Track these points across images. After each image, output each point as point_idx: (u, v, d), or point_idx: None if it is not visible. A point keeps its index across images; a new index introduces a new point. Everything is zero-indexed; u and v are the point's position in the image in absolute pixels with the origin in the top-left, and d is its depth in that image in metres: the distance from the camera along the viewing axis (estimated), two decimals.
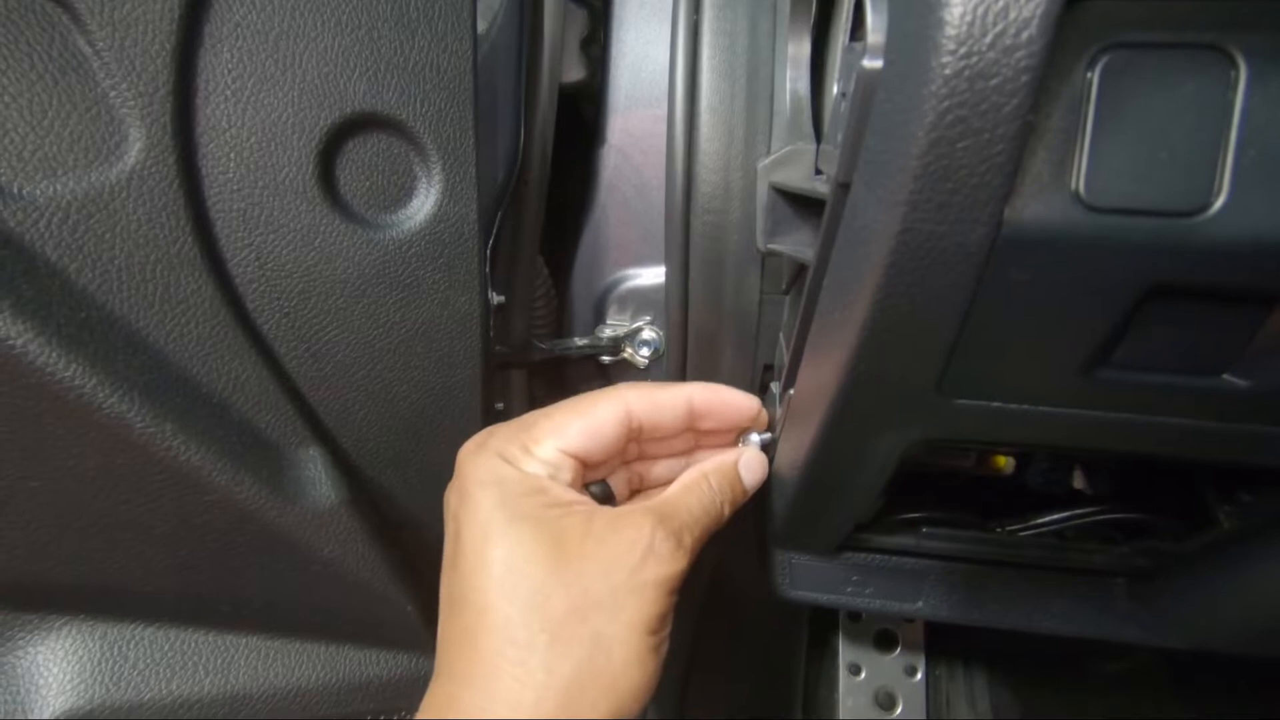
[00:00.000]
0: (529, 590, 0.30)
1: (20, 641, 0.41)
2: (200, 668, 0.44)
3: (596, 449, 0.35)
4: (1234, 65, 0.21)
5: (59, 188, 0.31)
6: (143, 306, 0.34)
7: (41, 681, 0.41)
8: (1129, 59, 0.21)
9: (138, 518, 0.37)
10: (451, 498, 0.34)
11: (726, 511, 0.36)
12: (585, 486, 0.36)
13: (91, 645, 0.42)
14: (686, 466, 0.39)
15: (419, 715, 0.31)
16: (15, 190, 0.31)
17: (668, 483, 0.38)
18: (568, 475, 0.34)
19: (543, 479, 0.33)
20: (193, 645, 0.44)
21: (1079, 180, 0.22)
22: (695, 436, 0.40)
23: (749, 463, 0.38)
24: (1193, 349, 0.26)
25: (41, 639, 0.41)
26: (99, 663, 0.42)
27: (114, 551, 0.38)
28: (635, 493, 0.40)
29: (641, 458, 0.40)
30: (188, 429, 0.35)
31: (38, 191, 0.31)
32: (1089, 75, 0.21)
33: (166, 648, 0.43)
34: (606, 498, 0.37)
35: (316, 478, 0.39)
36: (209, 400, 0.36)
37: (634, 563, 0.31)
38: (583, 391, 0.57)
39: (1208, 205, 0.22)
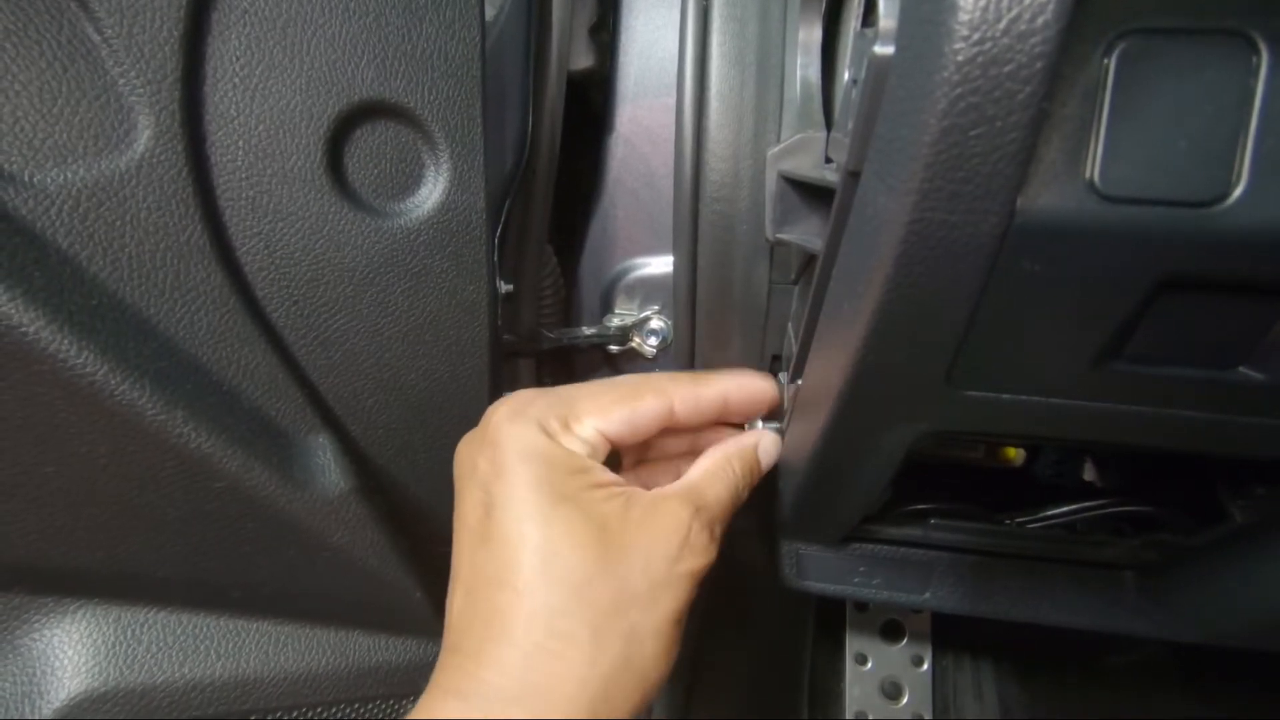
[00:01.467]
0: (574, 579, 0.29)
1: (36, 624, 0.42)
2: (212, 652, 0.44)
3: (633, 437, 0.34)
4: (1255, 51, 0.20)
5: (69, 175, 0.32)
6: (153, 294, 0.34)
7: (56, 664, 0.42)
8: (1146, 45, 0.21)
9: (149, 504, 0.37)
10: (482, 463, 0.33)
11: (746, 495, 0.36)
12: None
13: (105, 628, 0.43)
14: (690, 443, 0.39)
15: (431, 693, 0.29)
16: (26, 178, 0.31)
17: (669, 457, 0.39)
18: (602, 457, 0.34)
19: (584, 458, 0.32)
20: (205, 629, 0.45)
21: (1094, 169, 0.22)
22: None
23: (767, 446, 0.38)
24: (1208, 341, 0.25)
25: (56, 622, 0.42)
26: (113, 646, 0.43)
27: (127, 537, 0.39)
28: (638, 463, 0.40)
29: (680, 438, 0.40)
30: (198, 416, 0.35)
31: (48, 179, 0.31)
32: (1105, 62, 0.21)
33: (179, 632, 0.44)
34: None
35: (325, 465, 0.39)
36: (219, 387, 0.36)
37: (672, 554, 0.31)
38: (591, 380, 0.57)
39: (1226, 195, 0.21)
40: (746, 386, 0.38)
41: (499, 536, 0.30)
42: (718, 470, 0.35)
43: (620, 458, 0.39)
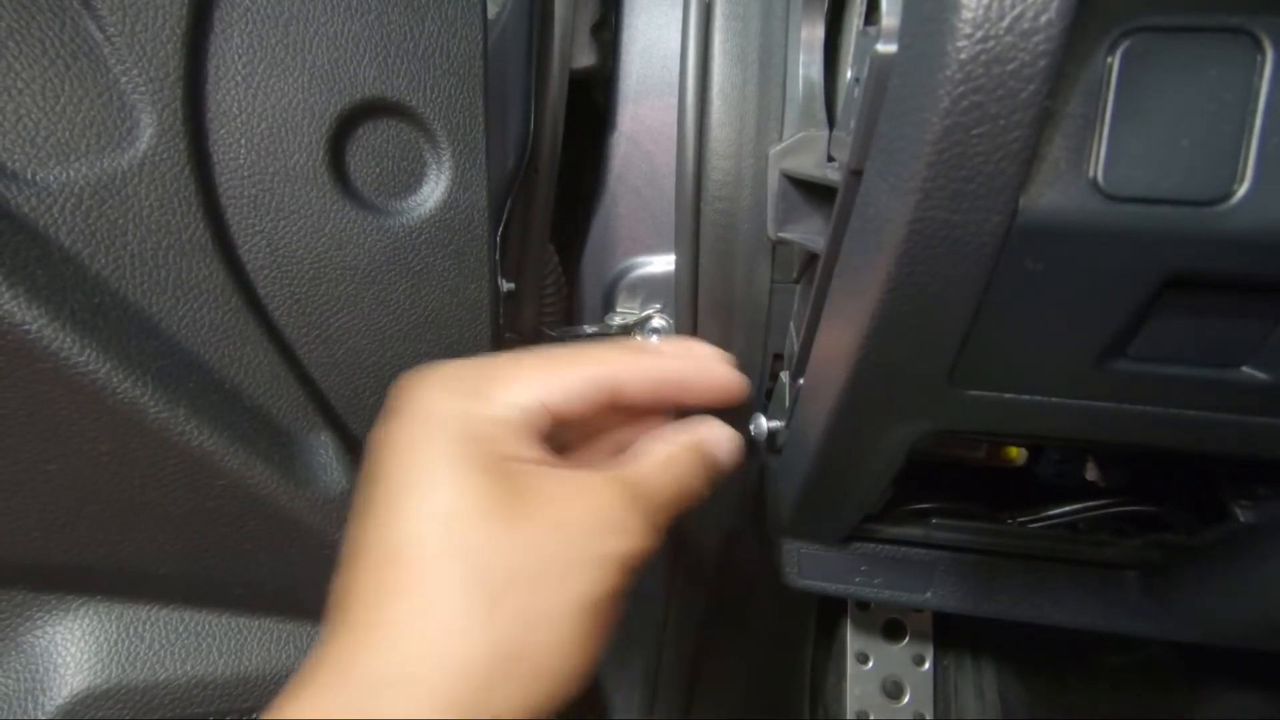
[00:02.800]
0: (476, 552, 0.26)
1: (39, 621, 0.42)
2: (214, 649, 0.44)
3: (574, 406, 0.31)
4: (1260, 49, 0.20)
5: (72, 173, 0.32)
6: (155, 292, 0.34)
7: (59, 660, 0.42)
8: (1150, 43, 0.20)
9: (152, 501, 0.37)
10: (391, 431, 0.29)
11: (704, 490, 0.33)
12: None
13: (108, 626, 0.43)
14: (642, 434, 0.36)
15: (300, 676, 0.26)
16: (28, 176, 0.31)
17: (620, 446, 0.35)
18: (534, 427, 0.30)
19: (509, 426, 0.29)
20: (207, 627, 0.45)
21: (1097, 168, 0.22)
22: None
23: (727, 442, 0.35)
24: (1212, 341, 0.25)
25: (59, 619, 0.42)
26: (115, 643, 0.43)
27: (129, 534, 0.39)
28: (584, 449, 0.37)
29: (627, 425, 0.36)
30: (200, 414, 0.35)
31: (50, 177, 0.31)
32: (1109, 60, 0.21)
33: (181, 629, 0.44)
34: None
35: (327, 463, 0.39)
36: (221, 385, 0.36)
37: (592, 532, 0.27)
38: None
39: (1230, 194, 0.21)
40: (704, 369, 0.34)
41: (395, 505, 0.27)
42: (665, 457, 0.32)
43: (565, 437, 0.35)
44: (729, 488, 0.54)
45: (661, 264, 0.51)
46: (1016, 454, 0.47)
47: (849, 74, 0.33)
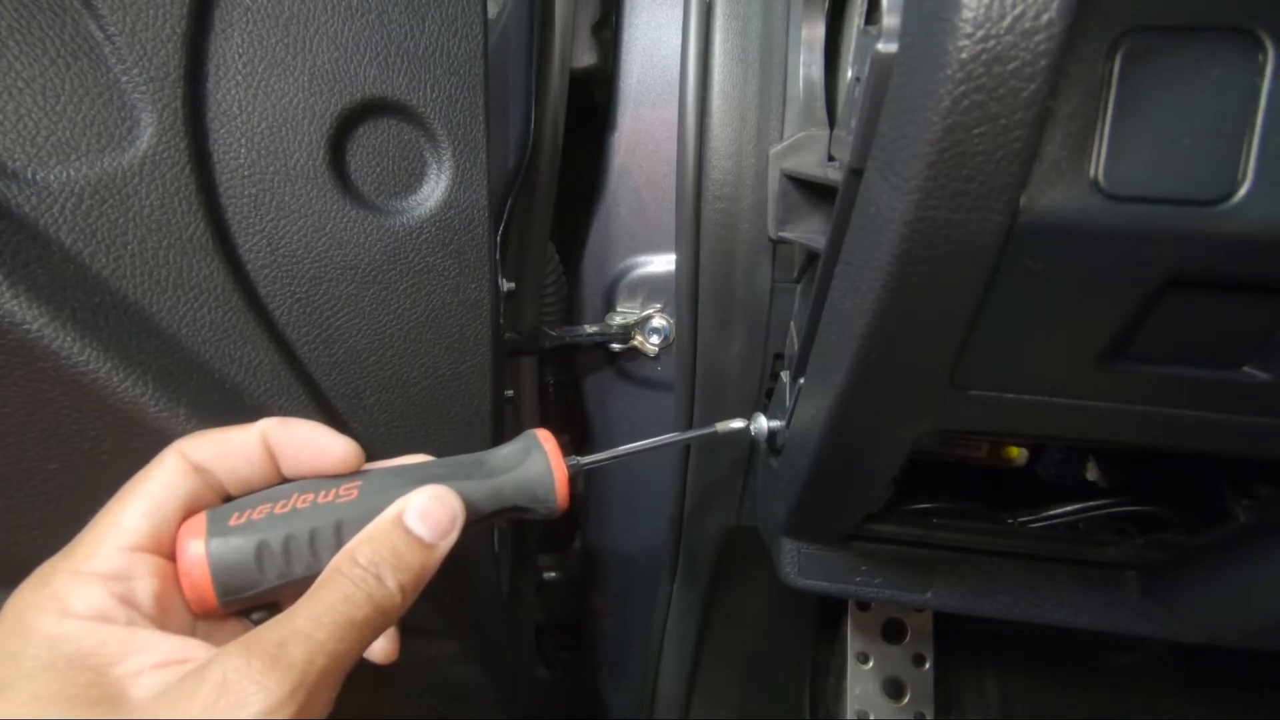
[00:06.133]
0: None
1: None
2: None
3: (165, 524, 0.27)
4: (1261, 49, 0.20)
5: (72, 173, 0.32)
6: (156, 291, 0.34)
7: None
8: (1151, 43, 0.20)
9: None
10: None
11: (393, 585, 0.27)
12: (248, 615, 0.29)
13: None
14: None
15: None
16: (29, 175, 0.31)
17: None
18: (148, 583, 0.26)
19: (92, 632, 0.24)
20: None
21: (1098, 168, 0.21)
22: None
23: (424, 508, 0.28)
24: (1213, 341, 0.25)
25: None
26: None
27: None
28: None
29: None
30: (201, 413, 0.35)
31: (51, 177, 0.31)
32: (1110, 60, 0.21)
33: None
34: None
35: None
36: (222, 384, 0.36)
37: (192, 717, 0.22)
38: (593, 379, 0.57)
39: (1231, 194, 0.21)
40: (291, 426, 0.30)
41: None
42: (324, 580, 0.26)
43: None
44: (729, 488, 0.54)
45: (662, 263, 0.51)
46: (1017, 454, 0.47)
47: (850, 73, 0.33)
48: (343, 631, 0.25)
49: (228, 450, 0.29)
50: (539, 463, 0.32)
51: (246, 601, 0.28)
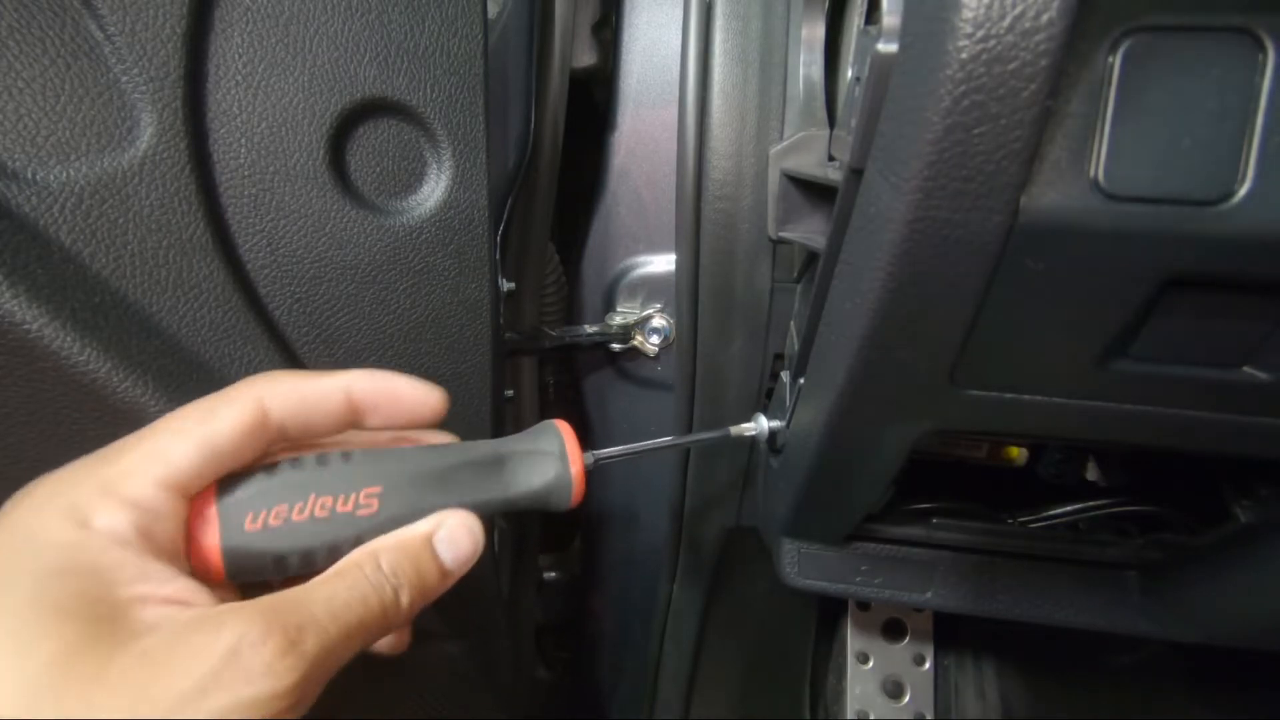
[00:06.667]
0: None
1: None
2: None
3: (215, 470, 0.26)
4: (1261, 48, 0.20)
5: (72, 173, 0.32)
6: (156, 292, 0.34)
7: None
8: (1151, 42, 0.20)
9: None
10: None
11: (405, 601, 0.26)
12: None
13: None
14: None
15: None
16: (29, 175, 0.31)
17: None
18: (172, 526, 0.25)
19: (110, 545, 0.23)
20: None
21: (1098, 168, 0.21)
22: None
23: (453, 535, 0.28)
24: (1213, 341, 0.25)
25: None
26: None
27: None
28: None
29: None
30: None
31: (51, 177, 0.31)
32: (1110, 59, 0.21)
33: None
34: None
35: None
36: (222, 384, 0.36)
37: (197, 680, 0.21)
38: (593, 379, 0.58)
39: (1231, 194, 0.21)
40: (381, 379, 0.29)
41: None
42: (344, 569, 0.26)
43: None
44: (729, 488, 0.54)
45: (662, 263, 0.51)
46: (1017, 454, 0.47)
47: (850, 73, 0.33)
48: (352, 634, 0.25)
49: (309, 405, 0.28)
50: (557, 457, 0.31)
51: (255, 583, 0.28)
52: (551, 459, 0.31)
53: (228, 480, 0.27)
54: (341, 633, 0.24)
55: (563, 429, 0.32)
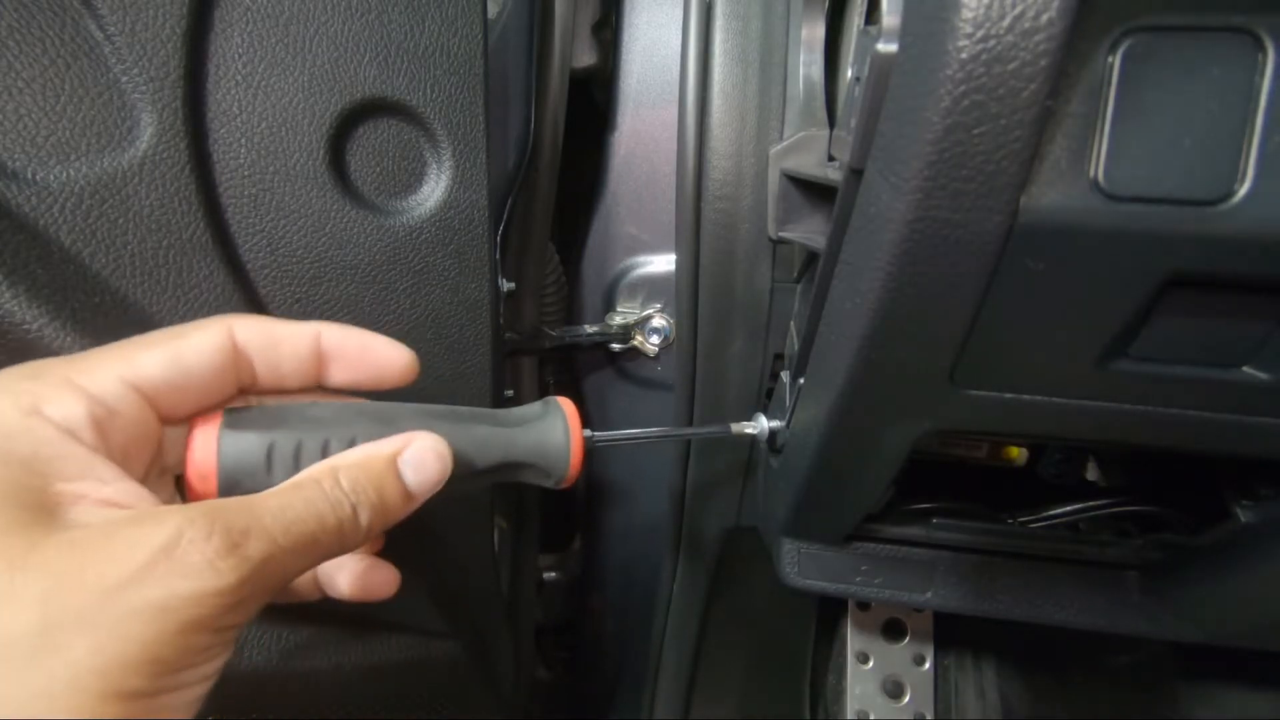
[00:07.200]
0: None
1: None
2: None
3: (177, 385, 0.25)
4: (1261, 48, 0.20)
5: (72, 173, 0.32)
6: (156, 292, 0.34)
7: None
8: (1151, 43, 0.20)
9: None
10: None
11: (364, 520, 0.25)
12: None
13: None
14: None
15: None
16: (29, 175, 0.31)
17: None
18: (126, 425, 0.24)
19: (58, 433, 0.22)
20: None
21: (1098, 168, 0.21)
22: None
23: (420, 457, 0.27)
24: (1213, 340, 0.25)
25: None
26: None
27: None
28: None
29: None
30: None
31: (51, 177, 0.31)
32: (1110, 59, 0.21)
33: None
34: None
35: None
36: None
37: (130, 570, 0.20)
38: (593, 379, 0.58)
39: (1231, 194, 0.21)
40: (351, 333, 0.29)
41: None
42: (299, 481, 0.25)
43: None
44: (730, 487, 0.54)
45: (662, 263, 0.51)
46: (1017, 454, 0.47)
47: (850, 73, 0.33)
48: (303, 548, 0.23)
49: (276, 341, 0.27)
50: (557, 425, 0.32)
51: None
52: (552, 428, 0.32)
53: (230, 410, 0.27)
54: (292, 544, 0.23)
55: (565, 404, 0.33)
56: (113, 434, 0.24)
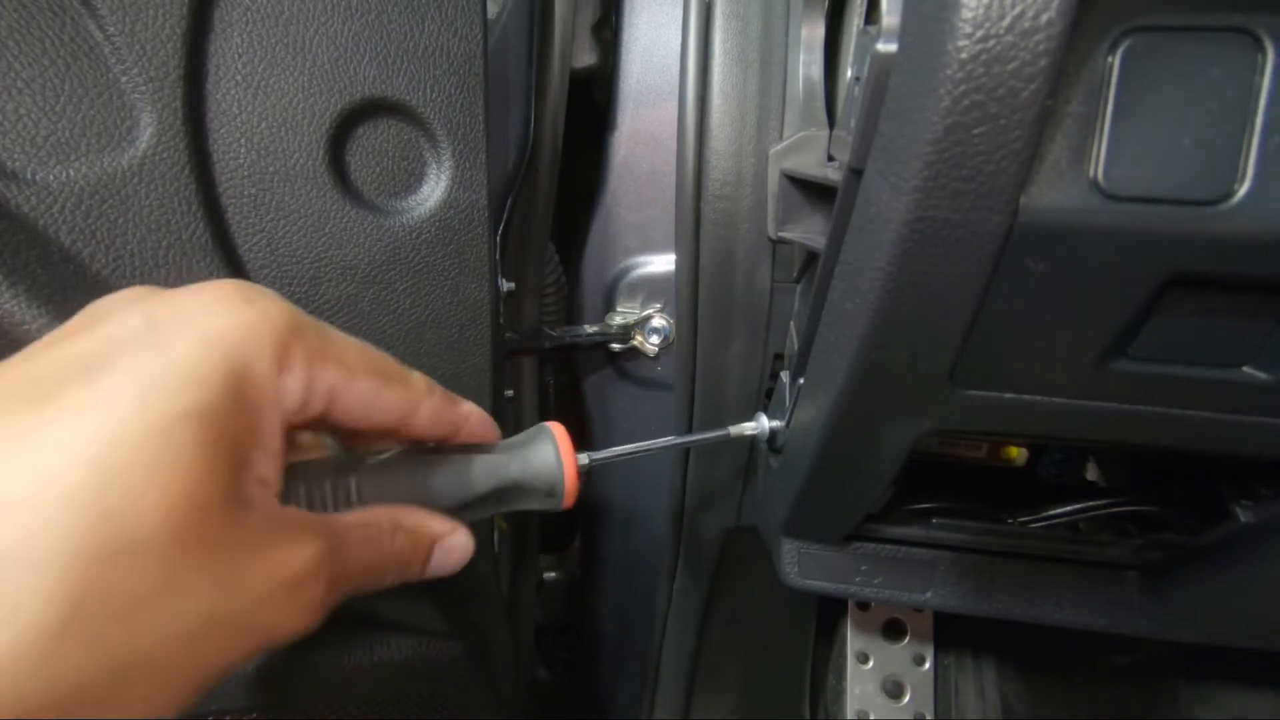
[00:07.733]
0: (116, 536, 0.19)
1: None
2: None
3: (356, 420, 0.26)
4: (1260, 48, 0.20)
5: (72, 173, 0.32)
6: None
7: None
8: (1151, 42, 0.20)
9: None
10: (153, 311, 0.22)
11: (389, 579, 0.28)
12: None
13: None
14: None
15: None
16: (29, 175, 0.31)
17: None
18: (310, 412, 0.25)
19: (264, 406, 0.22)
20: None
21: (1098, 167, 0.21)
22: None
23: (453, 547, 0.30)
24: (1212, 340, 0.25)
25: None
26: None
27: None
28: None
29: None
30: None
31: (50, 177, 0.31)
32: (1109, 59, 0.21)
33: None
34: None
35: None
36: None
37: (265, 591, 0.22)
38: (593, 379, 0.57)
39: (1230, 194, 0.21)
40: (486, 420, 0.32)
41: (75, 406, 0.19)
42: (377, 528, 0.27)
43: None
44: (729, 487, 0.54)
45: (662, 263, 0.51)
46: (1017, 454, 0.47)
47: (849, 73, 0.33)
48: (357, 586, 0.26)
49: (437, 414, 0.29)
50: (548, 454, 0.32)
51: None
52: (545, 461, 0.32)
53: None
54: (348, 590, 0.26)
55: (556, 431, 0.33)
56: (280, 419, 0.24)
